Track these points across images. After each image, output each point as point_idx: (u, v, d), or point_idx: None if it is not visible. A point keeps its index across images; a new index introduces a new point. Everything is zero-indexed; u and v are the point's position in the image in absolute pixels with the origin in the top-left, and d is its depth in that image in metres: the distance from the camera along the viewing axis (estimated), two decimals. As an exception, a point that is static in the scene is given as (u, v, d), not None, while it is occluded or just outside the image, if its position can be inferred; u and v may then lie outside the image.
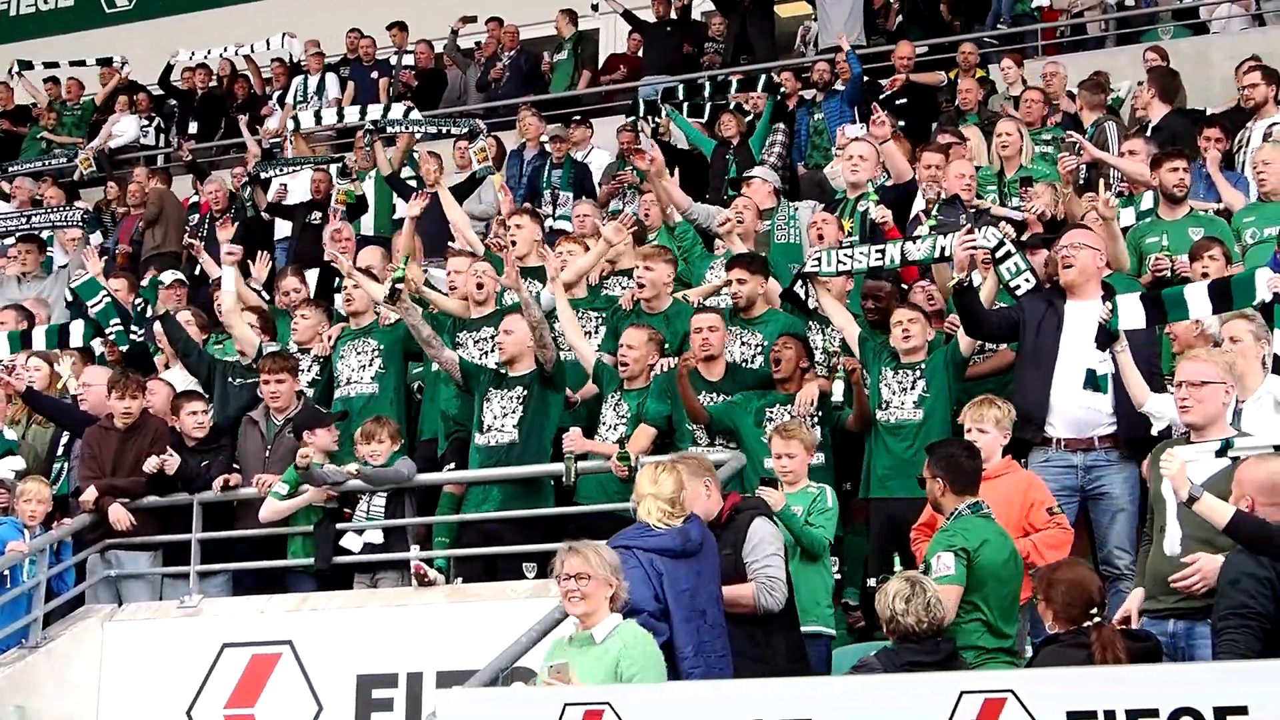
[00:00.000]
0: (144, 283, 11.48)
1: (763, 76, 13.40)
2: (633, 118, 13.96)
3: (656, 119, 13.77)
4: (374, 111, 14.08)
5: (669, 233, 10.31)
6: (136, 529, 9.14)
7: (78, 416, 9.68)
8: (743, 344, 8.82)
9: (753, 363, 8.73)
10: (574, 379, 9.02)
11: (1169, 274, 8.63)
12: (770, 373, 8.46)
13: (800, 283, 8.85)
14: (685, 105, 13.71)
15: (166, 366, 10.44)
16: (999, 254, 8.02)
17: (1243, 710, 4.60)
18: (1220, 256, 8.27)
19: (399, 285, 8.72)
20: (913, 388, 8.06)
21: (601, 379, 8.81)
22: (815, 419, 8.14)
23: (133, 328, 10.59)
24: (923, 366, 8.08)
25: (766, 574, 6.57)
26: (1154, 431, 7.27)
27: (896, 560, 6.56)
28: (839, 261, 8.58)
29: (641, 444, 8.33)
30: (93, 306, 10.59)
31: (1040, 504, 6.91)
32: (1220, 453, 5.88)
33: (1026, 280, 8.01)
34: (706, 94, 13.63)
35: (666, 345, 8.84)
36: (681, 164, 13.26)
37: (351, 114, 14.42)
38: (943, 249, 8.30)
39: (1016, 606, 6.50)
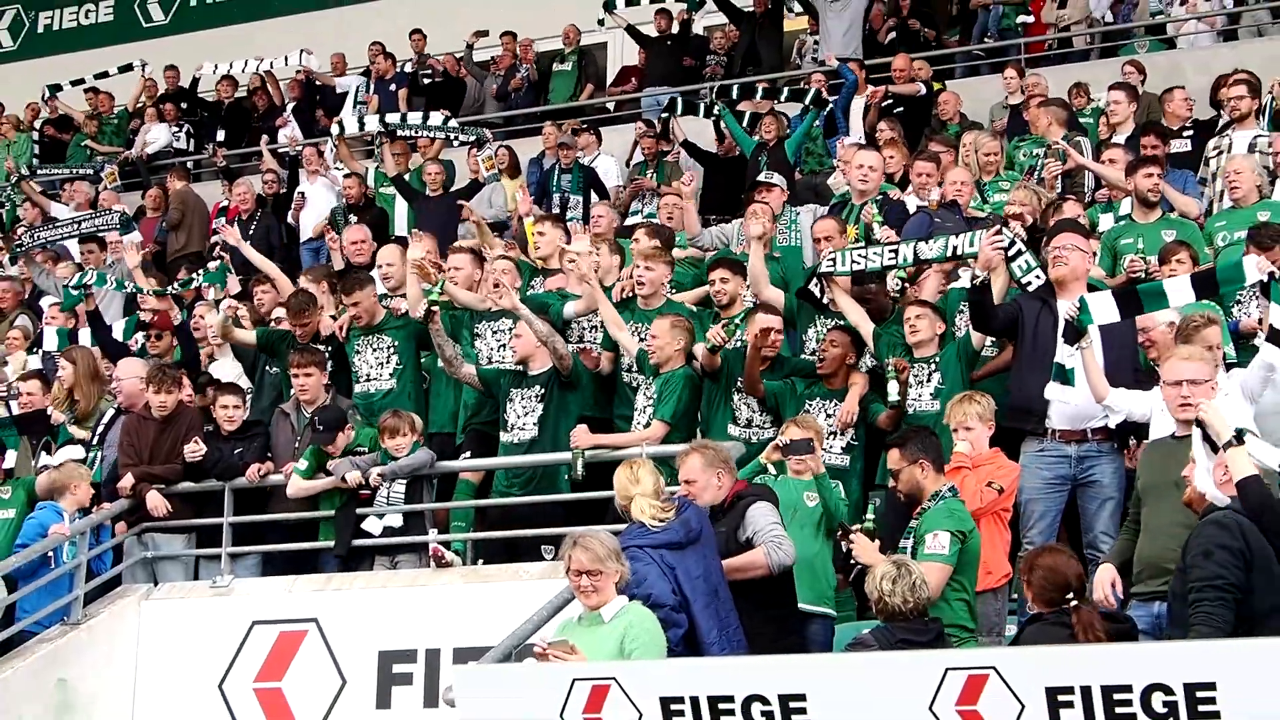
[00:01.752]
0: (212, 267, 11.40)
1: (811, 89, 13.32)
2: (666, 115, 13.85)
3: (718, 108, 13.64)
4: (405, 118, 14.08)
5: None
6: (172, 514, 9.16)
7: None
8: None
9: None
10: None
11: (1143, 275, 8.63)
12: (808, 362, 8.47)
13: (815, 281, 8.85)
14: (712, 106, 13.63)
15: (211, 358, 10.47)
16: (1011, 252, 8.00)
17: (1211, 686, 4.58)
18: (1188, 260, 8.29)
19: (434, 307, 8.74)
20: (929, 380, 8.06)
21: (643, 366, 8.74)
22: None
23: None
24: (937, 359, 8.08)
25: (772, 535, 6.51)
26: (1111, 425, 7.28)
27: (871, 509, 6.64)
28: (853, 261, 8.55)
29: (655, 435, 8.32)
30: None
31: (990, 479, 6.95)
32: None
33: (1037, 277, 7.94)
34: (758, 96, 13.58)
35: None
36: (709, 165, 13.29)
37: (374, 121, 14.45)
38: (954, 248, 8.29)
39: None
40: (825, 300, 8.79)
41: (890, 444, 6.92)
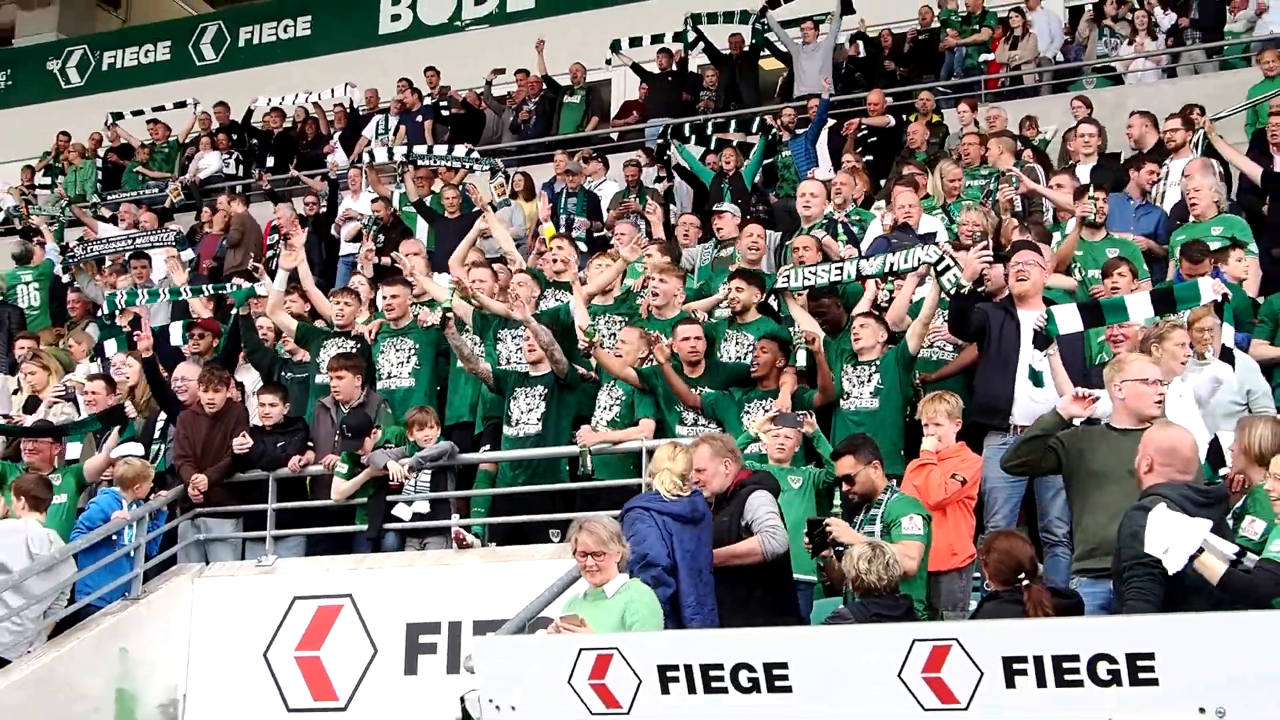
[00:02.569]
0: (244, 285, 11.34)
1: (757, 119, 13.41)
2: (661, 141, 13.94)
3: (674, 145, 13.71)
4: (421, 150, 14.12)
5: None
6: (222, 500, 9.20)
7: (172, 398, 9.68)
8: (737, 344, 8.86)
9: (746, 359, 8.73)
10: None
11: (1095, 208, 8.80)
12: (742, 367, 8.49)
13: (773, 296, 8.91)
14: (692, 139, 13.69)
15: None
16: (940, 267, 8.03)
17: (1150, 656, 4.60)
18: (1128, 273, 8.32)
19: (448, 314, 8.80)
20: (869, 381, 8.07)
21: (602, 370, 8.83)
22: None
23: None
24: (877, 363, 8.09)
25: (768, 525, 6.51)
26: (1076, 422, 7.30)
27: (839, 495, 6.66)
28: (805, 278, 8.62)
29: (647, 431, 8.38)
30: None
31: (954, 472, 6.96)
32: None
33: (962, 287, 8.02)
34: (709, 132, 13.68)
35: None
36: (699, 189, 13.36)
37: (400, 151, 14.48)
38: (891, 265, 8.33)
39: None
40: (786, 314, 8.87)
41: (840, 453, 6.91)
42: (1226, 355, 7.07)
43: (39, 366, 10.91)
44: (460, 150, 13.55)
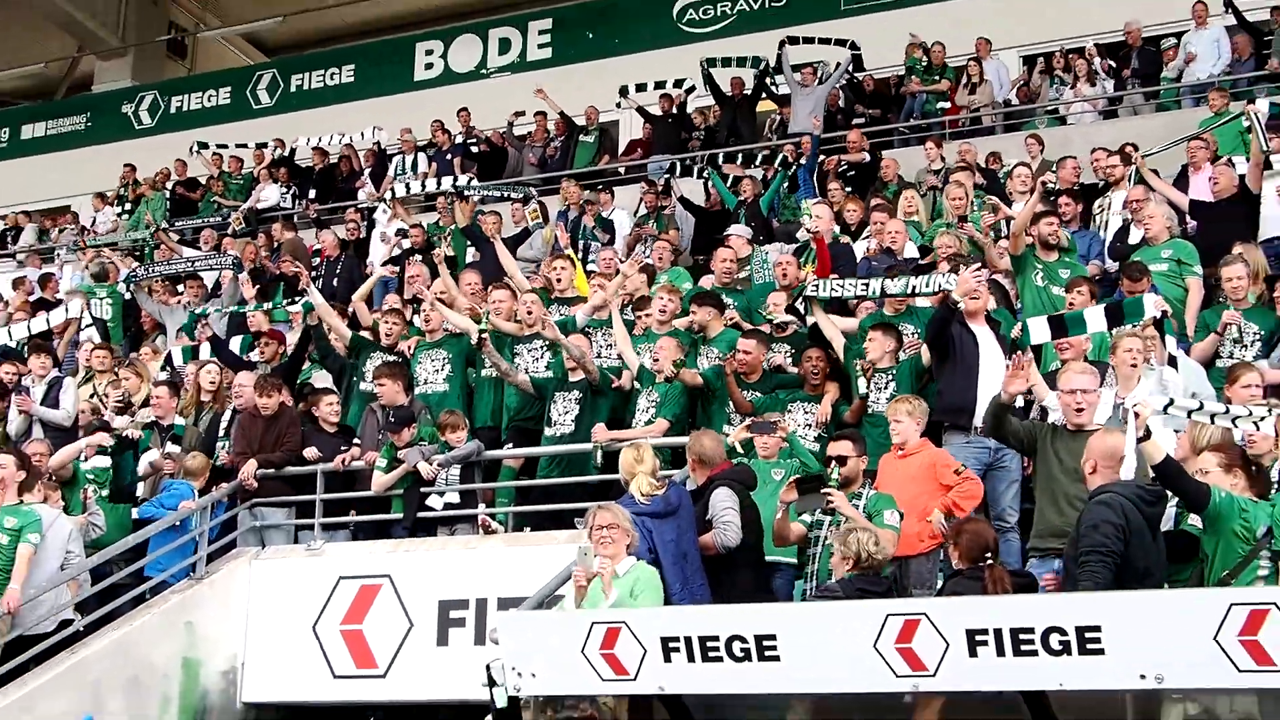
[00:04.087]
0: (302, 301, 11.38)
1: (780, 154, 13.46)
2: (667, 177, 13.94)
3: (707, 172, 13.70)
4: (447, 182, 14.19)
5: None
6: (275, 491, 9.20)
7: None
8: (705, 357, 8.91)
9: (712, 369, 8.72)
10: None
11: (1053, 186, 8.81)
12: (789, 375, 8.50)
13: (801, 302, 8.89)
14: (728, 173, 13.72)
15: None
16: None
17: (1097, 629, 4.58)
18: (1086, 291, 8.32)
19: (484, 335, 8.83)
20: (886, 388, 8.00)
21: (641, 376, 8.83)
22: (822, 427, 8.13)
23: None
24: (894, 372, 8.04)
25: (722, 520, 6.53)
26: (1051, 419, 7.28)
27: (835, 470, 6.60)
28: (832, 290, 8.61)
29: (658, 430, 8.36)
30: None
31: (946, 466, 6.91)
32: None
33: (955, 304, 8.05)
34: (738, 162, 13.67)
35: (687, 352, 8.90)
36: (699, 216, 13.38)
37: (432, 184, 14.55)
38: (914, 287, 8.33)
39: None
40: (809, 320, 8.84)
41: (842, 436, 6.93)
42: (1173, 363, 7.11)
43: (133, 373, 10.80)
44: (450, 181, 13.62)
